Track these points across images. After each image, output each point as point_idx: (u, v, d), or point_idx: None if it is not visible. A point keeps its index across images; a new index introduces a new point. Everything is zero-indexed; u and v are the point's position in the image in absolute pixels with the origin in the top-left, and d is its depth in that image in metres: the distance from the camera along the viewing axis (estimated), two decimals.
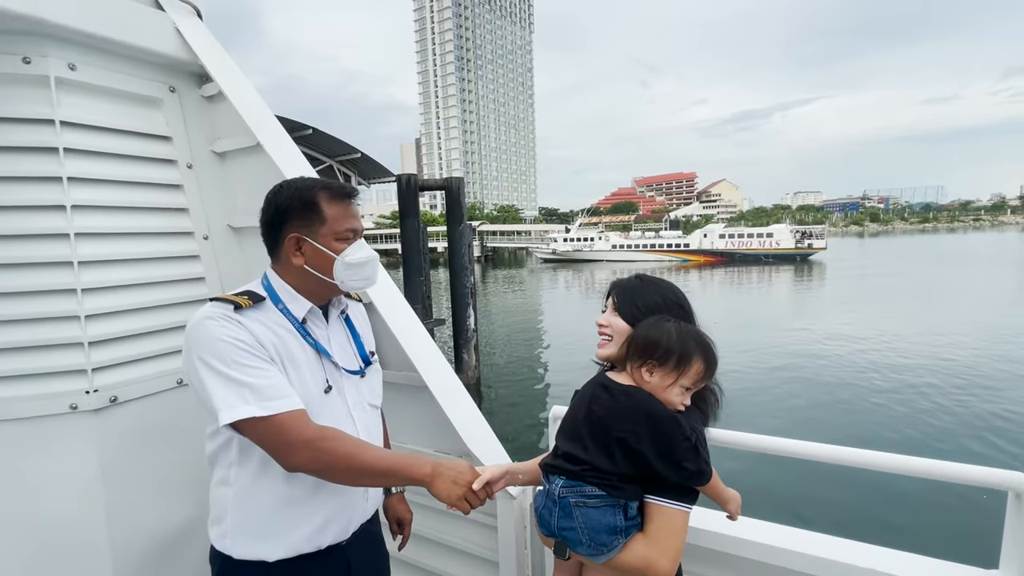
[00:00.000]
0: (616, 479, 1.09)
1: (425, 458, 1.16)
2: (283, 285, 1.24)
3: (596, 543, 1.08)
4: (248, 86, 1.96)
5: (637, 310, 1.22)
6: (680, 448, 1.06)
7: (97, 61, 1.69)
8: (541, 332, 18.80)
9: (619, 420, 1.09)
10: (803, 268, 40.10)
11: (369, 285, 1.29)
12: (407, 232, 11.87)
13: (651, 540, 1.08)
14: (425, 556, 1.94)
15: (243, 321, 1.13)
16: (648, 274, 1.31)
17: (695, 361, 1.12)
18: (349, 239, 1.23)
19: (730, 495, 1.22)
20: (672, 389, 1.12)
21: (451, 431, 1.67)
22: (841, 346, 13.87)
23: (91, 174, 1.68)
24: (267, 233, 1.26)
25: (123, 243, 1.75)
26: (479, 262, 51.73)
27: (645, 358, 1.13)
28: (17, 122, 1.57)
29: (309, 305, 1.25)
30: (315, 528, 1.20)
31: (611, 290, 1.30)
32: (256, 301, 1.19)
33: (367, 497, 1.33)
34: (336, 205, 1.22)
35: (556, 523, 1.13)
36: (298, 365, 1.18)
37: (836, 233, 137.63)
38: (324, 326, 1.30)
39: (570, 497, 1.11)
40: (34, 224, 1.60)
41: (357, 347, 1.37)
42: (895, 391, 10.33)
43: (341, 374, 1.28)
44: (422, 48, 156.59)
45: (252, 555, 1.17)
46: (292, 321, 1.22)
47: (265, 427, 1.07)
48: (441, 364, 1.79)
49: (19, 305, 1.58)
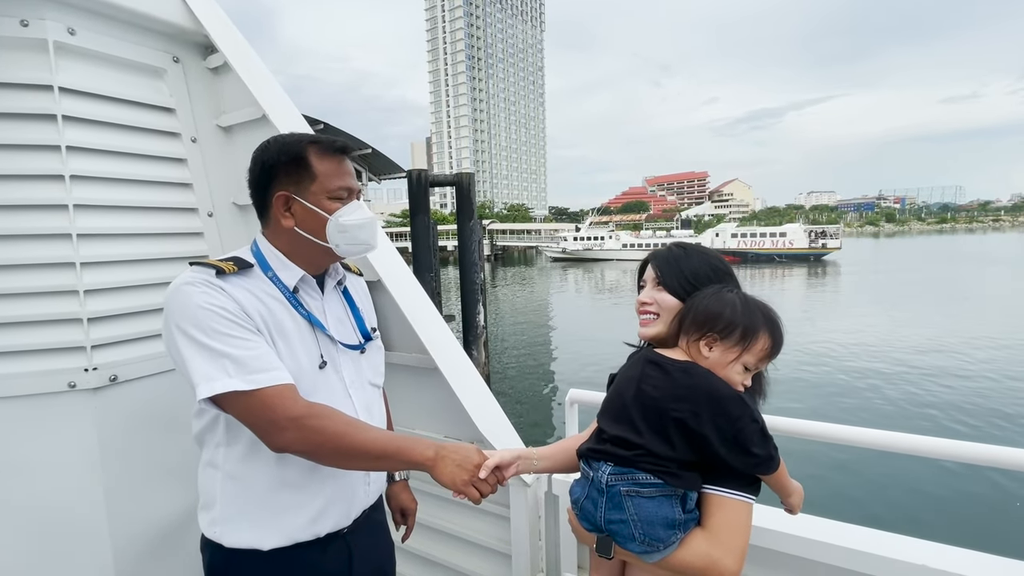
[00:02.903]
0: (674, 466, 0.96)
1: (428, 440, 1.06)
2: (273, 251, 1.15)
3: (651, 538, 0.95)
4: (254, 57, 1.89)
5: (686, 282, 1.09)
6: (748, 431, 0.94)
7: (97, 27, 1.63)
8: (551, 329, 18.71)
9: (676, 400, 0.97)
10: (817, 268, 39.53)
11: (368, 250, 1.19)
12: (417, 228, 11.82)
13: (714, 536, 0.95)
14: (434, 547, 1.86)
15: (226, 287, 1.04)
16: (688, 241, 1.18)
17: (761, 336, 1.01)
18: (343, 198, 1.13)
19: (794, 487, 1.09)
20: (734, 366, 1.01)
21: (463, 415, 1.59)
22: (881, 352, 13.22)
23: (91, 144, 1.61)
24: (255, 194, 1.17)
25: (124, 217, 1.68)
26: (489, 261, 51.72)
27: (704, 331, 1.02)
28: (14, 87, 1.51)
29: (301, 273, 1.15)
30: (313, 514, 1.11)
31: (649, 261, 1.17)
32: (242, 267, 1.10)
33: (369, 481, 1.24)
34: (327, 160, 1.12)
35: (604, 515, 1.00)
36: (288, 337, 1.09)
37: (851, 233, 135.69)
38: (319, 297, 1.21)
39: (620, 485, 0.99)
40: (31, 195, 1.54)
41: (356, 321, 1.27)
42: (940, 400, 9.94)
43: (338, 349, 1.19)
44: (433, 47, 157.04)
45: (245, 543, 1.08)
46: (282, 290, 1.12)
47: (248, 402, 0.98)
48: (453, 345, 1.70)
49: (15, 278, 1.52)
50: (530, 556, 1.59)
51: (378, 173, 16.14)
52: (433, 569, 1.87)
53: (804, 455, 6.86)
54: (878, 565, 1.12)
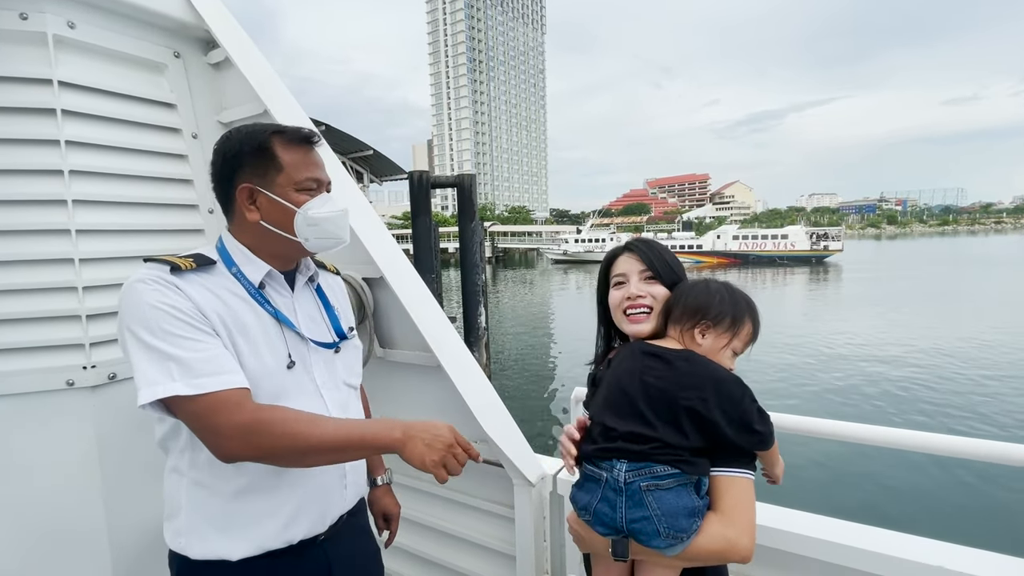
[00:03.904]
0: (687, 453, 0.97)
1: (394, 420, 0.98)
2: (238, 246, 1.09)
3: (675, 530, 0.94)
4: (256, 52, 1.87)
5: (674, 274, 1.14)
6: (750, 411, 0.99)
7: (98, 20, 1.61)
8: (552, 332, 18.68)
9: (683, 388, 0.99)
10: (819, 270, 39.45)
11: (339, 245, 1.13)
12: (419, 230, 11.82)
13: (727, 517, 0.96)
14: (437, 549, 1.84)
15: (181, 285, 0.98)
16: (643, 236, 1.23)
17: (747, 321, 1.08)
18: (312, 190, 1.08)
19: (780, 458, 1.14)
20: (725, 352, 1.07)
21: (467, 414, 1.56)
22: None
23: (90, 139, 1.60)
24: (218, 188, 1.11)
25: (123, 213, 1.66)
26: (490, 263, 51.72)
27: (697, 319, 1.07)
28: (13, 81, 1.49)
29: (267, 268, 1.09)
30: (284, 520, 1.05)
31: (621, 255, 1.17)
32: (203, 264, 1.04)
33: (345, 484, 1.17)
34: (294, 150, 1.07)
35: (624, 515, 0.97)
36: (251, 337, 1.03)
37: (852, 235, 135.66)
38: (289, 294, 1.15)
39: (639, 481, 0.97)
40: (30, 190, 1.52)
41: (331, 319, 1.21)
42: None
43: (308, 347, 1.12)
44: (435, 50, 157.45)
45: (212, 554, 1.02)
46: (247, 286, 1.06)
47: (193, 408, 0.91)
48: (456, 343, 1.68)
49: (12, 274, 1.50)
50: (535, 557, 1.56)
51: (380, 175, 16.14)
52: (436, 571, 1.85)
53: (822, 455, 6.84)
54: (894, 567, 1.10)
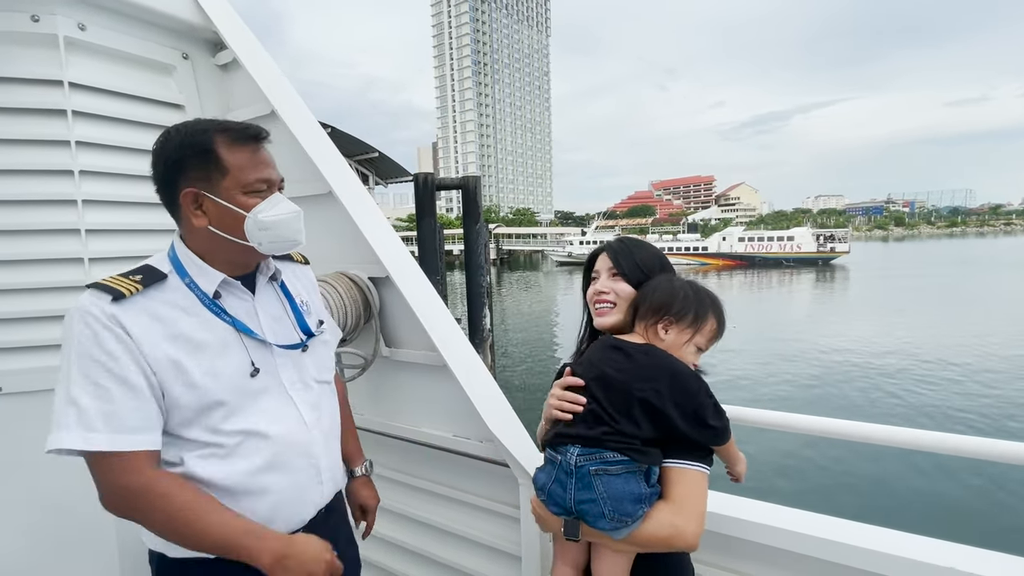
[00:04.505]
0: (639, 443, 1.02)
1: (270, 536, 0.97)
2: (189, 255, 1.04)
3: (620, 514, 1.00)
4: (264, 53, 1.88)
5: (639, 271, 1.18)
6: (705, 405, 1.03)
7: (107, 22, 1.64)
8: (556, 333, 18.65)
9: (639, 380, 1.04)
10: (825, 272, 39.19)
11: (293, 247, 1.09)
12: (423, 232, 11.84)
13: (676, 506, 1.01)
14: (442, 549, 1.83)
15: (121, 317, 0.93)
16: (635, 236, 1.28)
17: (710, 318, 1.11)
18: (262, 192, 1.03)
19: (741, 456, 1.18)
20: (687, 347, 1.10)
21: (473, 413, 1.56)
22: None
23: (100, 139, 1.62)
24: (162, 193, 1.04)
25: (132, 213, 1.68)
26: (494, 265, 51.72)
27: (660, 315, 1.10)
28: (25, 83, 1.51)
29: (221, 277, 1.05)
30: (260, 517, 1.03)
31: (601, 253, 1.25)
32: (153, 281, 0.99)
33: (321, 480, 1.15)
34: (239, 151, 1.01)
35: (573, 496, 1.04)
36: (206, 353, 1.00)
37: (859, 237, 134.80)
38: (249, 297, 1.10)
39: (589, 465, 1.03)
40: (41, 189, 1.54)
41: (296, 317, 1.18)
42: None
43: (272, 351, 1.09)
44: (439, 53, 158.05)
45: (187, 553, 1.01)
46: (201, 297, 1.02)
47: (90, 459, 0.92)
48: (462, 342, 1.68)
49: (24, 274, 1.52)
50: (540, 557, 1.56)
51: (385, 177, 16.20)
52: (441, 570, 1.85)
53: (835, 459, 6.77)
54: (903, 568, 1.09)
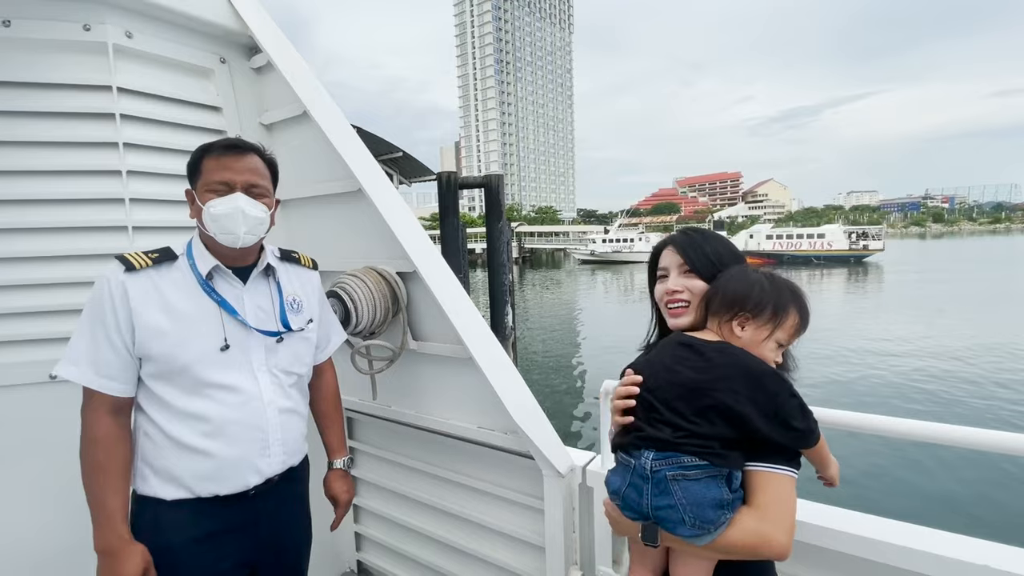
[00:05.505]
0: (718, 445, 0.95)
1: (115, 533, 1.15)
2: (197, 242, 1.30)
3: (701, 520, 0.93)
4: (297, 56, 1.95)
5: (713, 265, 1.10)
6: (788, 405, 0.94)
7: (152, 30, 1.72)
8: (578, 332, 18.56)
9: (714, 380, 0.97)
10: (858, 271, 37.93)
11: (235, 241, 1.25)
12: (446, 231, 11.94)
13: (762, 512, 0.94)
14: (467, 539, 1.87)
15: (128, 283, 1.18)
16: (692, 226, 1.18)
17: (791, 312, 1.02)
18: (219, 191, 1.23)
19: (833, 460, 1.09)
20: (767, 344, 1.02)
21: (498, 405, 1.59)
22: None
23: (145, 141, 1.70)
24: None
25: (174, 211, 1.76)
26: (517, 263, 51.71)
27: (735, 311, 1.03)
28: (77, 88, 1.60)
29: (214, 263, 1.27)
30: (204, 475, 1.22)
31: (664, 248, 1.17)
32: (165, 259, 1.24)
33: (269, 453, 1.30)
34: (212, 159, 1.25)
35: (650, 502, 0.98)
36: (187, 320, 1.22)
37: (895, 235, 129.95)
38: (239, 285, 1.31)
39: (666, 470, 0.96)
40: (92, 189, 1.63)
41: (280, 311, 1.36)
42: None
43: (249, 333, 1.28)
44: (462, 52, 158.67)
45: (150, 492, 1.23)
46: (196, 276, 1.25)
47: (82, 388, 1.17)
48: (488, 336, 1.71)
49: (76, 269, 1.61)
50: (564, 549, 1.58)
51: (409, 176, 16.37)
52: (466, 560, 1.88)
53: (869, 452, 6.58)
54: (936, 565, 1.07)
